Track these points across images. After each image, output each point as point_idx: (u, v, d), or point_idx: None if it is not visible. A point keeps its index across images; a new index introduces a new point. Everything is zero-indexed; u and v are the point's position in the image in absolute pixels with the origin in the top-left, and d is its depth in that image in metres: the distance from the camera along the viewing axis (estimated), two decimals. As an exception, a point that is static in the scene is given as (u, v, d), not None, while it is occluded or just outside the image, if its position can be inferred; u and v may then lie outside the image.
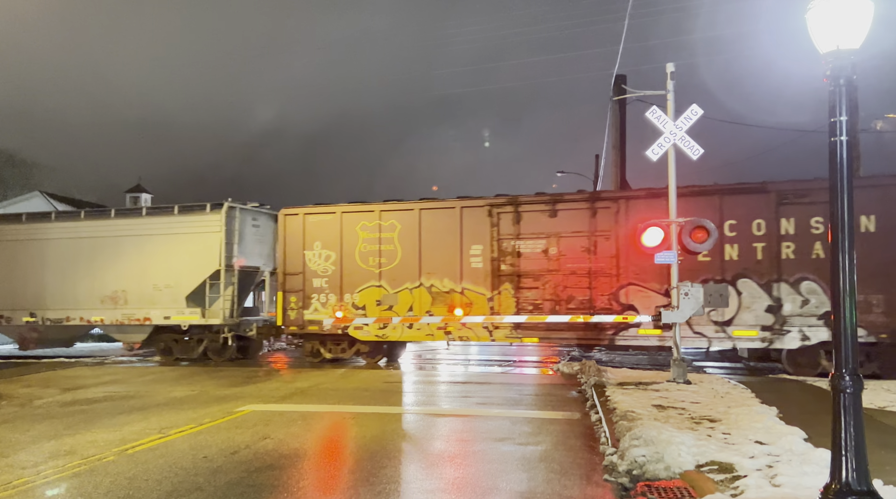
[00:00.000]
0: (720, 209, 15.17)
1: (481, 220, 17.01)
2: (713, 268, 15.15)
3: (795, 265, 14.63)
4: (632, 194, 16.22)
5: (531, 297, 16.60)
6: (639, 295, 15.75)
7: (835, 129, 4.96)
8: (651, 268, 15.04)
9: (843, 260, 4.92)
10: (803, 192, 14.69)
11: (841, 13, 4.84)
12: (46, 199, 40.60)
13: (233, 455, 7.50)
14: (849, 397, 4.84)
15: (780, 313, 14.71)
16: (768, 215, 14.89)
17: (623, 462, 7.18)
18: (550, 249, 16.46)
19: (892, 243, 14.02)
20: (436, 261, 17.26)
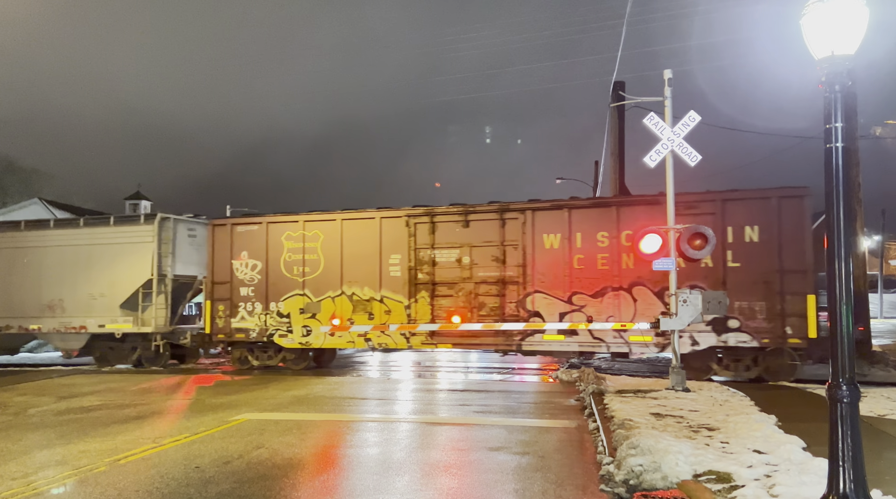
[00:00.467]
0: (617, 220, 15.79)
1: (399, 230, 17.54)
2: (611, 276, 15.79)
3: (686, 274, 15.00)
4: (538, 206, 16.68)
5: (446, 304, 17.13)
6: (544, 302, 16.31)
7: (830, 135, 4.91)
8: (555, 277, 16.08)
9: (840, 267, 4.87)
10: (692, 203, 15.20)
11: (836, 19, 4.81)
12: (45, 206, 40.62)
13: (225, 465, 7.42)
14: (846, 407, 4.79)
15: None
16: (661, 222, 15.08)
17: (620, 472, 7.11)
18: (464, 259, 17.00)
19: (772, 253, 14.66)
20: (357, 270, 17.76)
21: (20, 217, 37.84)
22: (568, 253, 16.13)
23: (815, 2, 4.87)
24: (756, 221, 14.82)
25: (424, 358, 24.47)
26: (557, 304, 16.19)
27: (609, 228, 15.73)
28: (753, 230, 14.87)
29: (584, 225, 16.05)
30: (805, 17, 4.95)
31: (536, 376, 17.40)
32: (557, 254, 16.25)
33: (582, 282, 15.92)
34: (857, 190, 19.19)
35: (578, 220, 16.13)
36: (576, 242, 16.11)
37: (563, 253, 16.19)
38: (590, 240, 16.02)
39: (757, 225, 14.81)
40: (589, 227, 16.02)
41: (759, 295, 14.70)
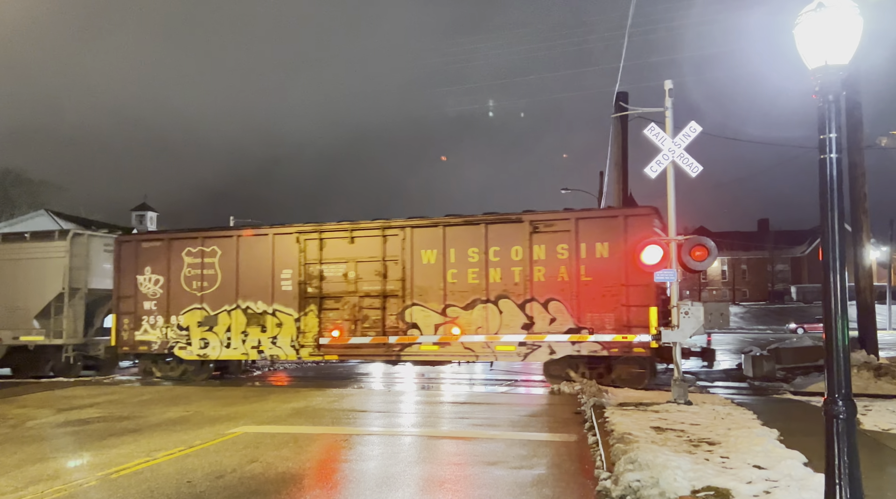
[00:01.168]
0: (486, 237, 16.77)
1: (290, 246, 18.34)
2: (480, 289, 16.74)
3: (545, 287, 16.19)
4: (416, 223, 17.59)
5: (333, 317, 17.96)
6: (421, 314, 17.19)
7: (824, 146, 4.84)
8: (432, 290, 17.08)
9: (834, 280, 4.78)
10: (550, 222, 16.36)
11: (829, 28, 4.74)
12: (52, 217, 40.85)
13: (218, 480, 7.35)
14: (842, 423, 4.69)
15: (533, 330, 16.24)
16: (524, 243, 16.43)
17: (617, 488, 7.00)
18: (349, 273, 17.87)
19: (620, 268, 15.61)
20: (251, 284, 18.54)
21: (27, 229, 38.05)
22: (443, 268, 17.04)
23: (808, 11, 4.80)
24: (606, 238, 15.84)
25: (428, 370, 24.33)
26: (433, 315, 17.08)
27: (479, 244, 16.74)
28: (604, 247, 15.86)
29: (457, 242, 17.00)
30: (798, 27, 4.89)
31: (539, 389, 17.27)
32: (434, 269, 17.15)
33: (455, 295, 16.90)
34: (863, 201, 19.05)
35: (452, 237, 17.08)
36: (450, 257, 17.04)
37: (438, 268, 17.10)
38: (462, 255, 16.96)
39: (607, 242, 15.82)
40: (462, 243, 16.98)
41: (609, 307, 15.70)
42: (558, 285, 16.11)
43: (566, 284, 16.01)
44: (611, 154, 22.88)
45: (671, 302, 12.76)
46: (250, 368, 23.16)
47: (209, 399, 14.57)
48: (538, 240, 16.34)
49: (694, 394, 13.93)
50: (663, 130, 12.79)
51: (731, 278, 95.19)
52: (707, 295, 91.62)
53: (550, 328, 16.09)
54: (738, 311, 79.78)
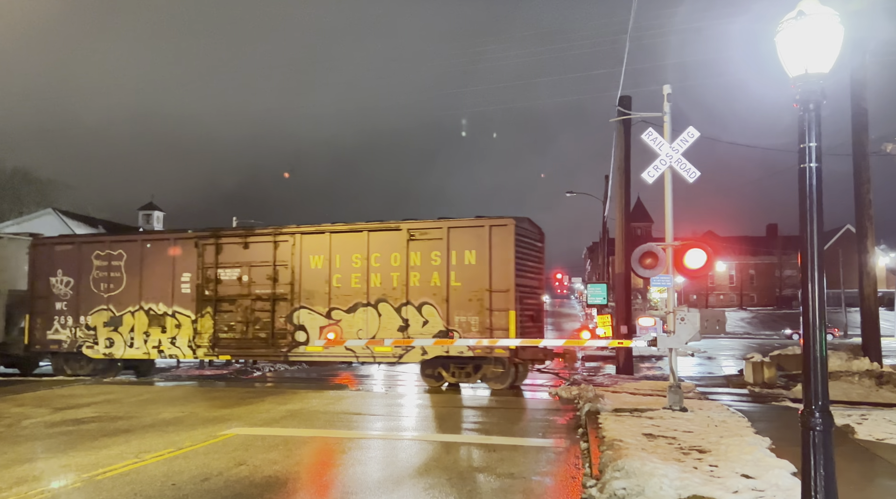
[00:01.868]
0: (368, 244, 17.74)
1: (190, 250, 19.33)
2: (362, 293, 17.69)
3: (420, 292, 17.18)
4: (305, 230, 18.47)
5: (227, 318, 18.87)
6: (308, 317, 18.14)
7: (804, 155, 4.80)
8: (318, 294, 18.00)
9: (813, 290, 4.74)
10: (425, 230, 17.35)
11: (810, 37, 4.71)
12: (59, 216, 41.04)
13: (203, 483, 7.34)
14: (819, 435, 4.65)
15: (408, 332, 17.22)
16: (402, 249, 17.42)
17: (602, 495, 6.97)
18: (244, 277, 18.79)
19: (485, 274, 16.64)
20: (154, 287, 19.51)
21: (34, 227, 38.25)
22: (329, 273, 17.99)
23: (788, 19, 4.77)
24: (474, 246, 16.82)
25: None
26: (319, 318, 18.01)
27: (362, 250, 17.75)
28: (472, 254, 16.84)
29: (342, 248, 17.97)
30: (779, 35, 4.85)
31: (537, 393, 17.22)
32: (320, 273, 18.09)
33: (339, 298, 17.87)
34: (868, 207, 18.96)
35: (338, 243, 18.05)
36: (335, 262, 17.99)
37: (324, 273, 18.04)
38: (347, 261, 17.92)
39: (475, 250, 16.81)
40: (346, 249, 17.94)
41: (474, 311, 16.71)
42: (431, 290, 17.11)
43: (438, 289, 17.02)
44: (614, 158, 22.80)
45: (668, 308, 12.68)
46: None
47: (206, 400, 14.60)
48: (414, 247, 17.35)
49: (692, 400, 13.84)
50: (662, 135, 12.73)
51: (738, 283, 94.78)
52: (714, 300, 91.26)
53: (423, 330, 17.07)
54: (746, 316, 79.45)
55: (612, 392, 15.64)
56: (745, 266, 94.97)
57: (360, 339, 17.16)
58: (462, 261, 16.88)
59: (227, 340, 18.77)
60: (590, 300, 29.56)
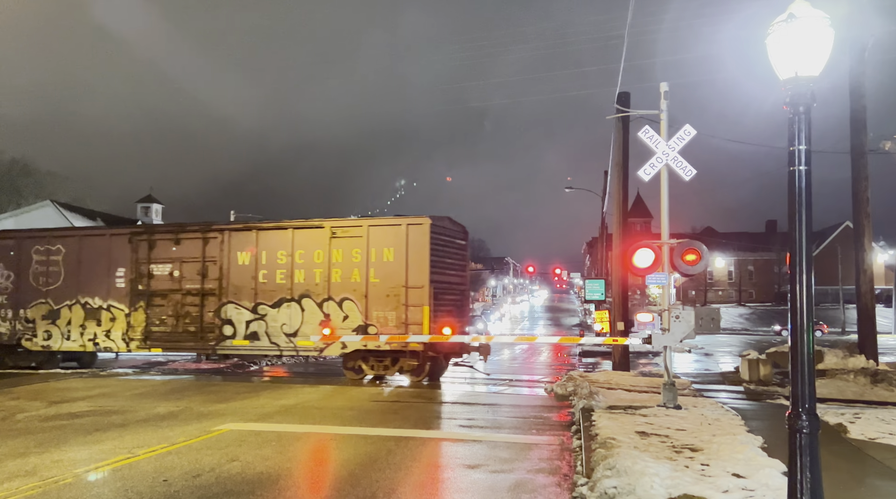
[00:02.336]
0: (293, 241, 18.33)
1: (124, 246, 19.78)
2: (286, 289, 18.25)
3: (341, 287, 17.81)
4: (233, 227, 19.30)
5: (159, 312, 19.34)
6: (235, 311, 18.68)
7: (793, 158, 4.79)
8: (245, 289, 18.54)
9: (801, 290, 4.74)
10: (347, 228, 18.02)
11: (800, 40, 4.69)
12: (57, 208, 40.98)
13: (194, 479, 7.36)
14: (805, 437, 4.65)
15: (329, 327, 17.37)
16: (325, 247, 18.02)
17: (592, 494, 6.97)
18: (175, 273, 19.29)
19: (402, 271, 17.26)
20: (90, 281, 19.91)
21: (33, 219, 38.24)
22: (255, 269, 18.55)
23: (779, 22, 4.75)
24: (392, 244, 17.49)
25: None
26: (245, 313, 18.58)
27: (287, 247, 18.29)
28: (390, 252, 17.51)
29: (268, 245, 18.55)
30: (770, 37, 4.84)
31: (531, 389, 17.26)
32: (247, 269, 18.64)
33: (265, 294, 18.40)
34: (865, 205, 18.94)
35: (265, 240, 18.60)
36: (262, 259, 18.56)
37: (251, 269, 18.60)
38: (272, 257, 18.48)
39: (392, 247, 17.48)
40: (272, 246, 18.50)
41: (392, 306, 17.36)
42: (352, 286, 17.76)
43: (358, 285, 17.69)
44: (612, 154, 22.76)
45: (663, 305, 12.68)
46: None
47: (202, 394, 14.62)
48: (336, 244, 17.97)
49: (687, 397, 13.86)
50: (658, 132, 12.71)
51: (737, 279, 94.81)
52: (713, 296, 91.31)
53: (343, 325, 17.65)
54: (744, 312, 79.52)
55: (607, 389, 15.64)
56: (743, 262, 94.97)
57: (285, 333, 18.09)
58: (381, 258, 17.57)
59: (158, 333, 19.26)
60: (587, 296, 29.64)
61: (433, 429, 11.11)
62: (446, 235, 18.42)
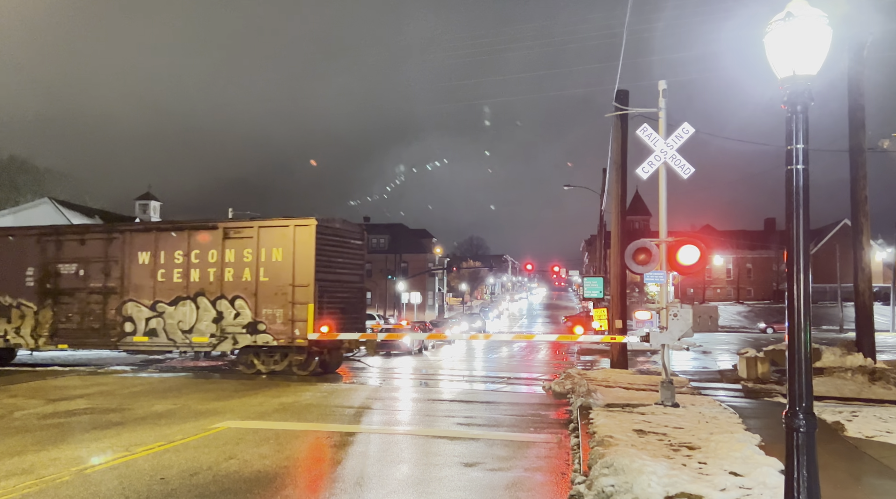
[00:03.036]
0: (188, 241, 19.23)
1: (33, 246, 20.59)
2: (182, 288, 19.14)
3: (233, 286, 18.69)
4: (134, 228, 20.29)
5: (66, 310, 20.11)
6: (135, 309, 19.56)
7: (791, 157, 4.77)
8: (144, 287, 19.44)
9: (798, 290, 4.72)
10: (239, 229, 19.07)
11: (798, 38, 4.67)
12: (55, 206, 40.88)
13: (191, 477, 7.35)
14: (802, 436, 4.65)
15: (221, 324, 18.77)
16: (218, 247, 18.96)
17: (590, 492, 6.97)
18: (80, 272, 20.10)
19: (289, 270, 18.24)
20: (2, 280, 20.65)
21: (31, 217, 38.16)
22: (154, 268, 19.45)
23: (777, 20, 4.74)
24: (281, 244, 18.39)
25: (426, 366, 24.42)
26: (145, 310, 19.43)
27: (183, 247, 19.19)
28: (279, 252, 18.40)
29: (167, 245, 19.44)
30: (768, 36, 4.82)
31: (530, 387, 17.27)
32: (147, 269, 19.53)
33: (163, 292, 19.28)
34: (864, 203, 18.93)
35: (164, 241, 19.48)
36: (160, 259, 19.46)
37: (151, 268, 19.50)
38: (170, 257, 19.36)
39: (281, 248, 18.37)
40: (171, 247, 19.40)
41: (280, 304, 18.23)
42: (243, 285, 18.65)
43: (249, 284, 18.60)
44: (611, 152, 22.76)
45: (661, 303, 12.68)
46: None
47: (199, 392, 14.61)
48: (229, 245, 18.88)
49: (685, 395, 13.88)
50: (657, 130, 12.70)
51: (735, 277, 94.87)
52: (711, 294, 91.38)
53: (235, 322, 18.62)
54: (743, 310, 79.57)
55: (605, 387, 15.65)
56: (742, 260, 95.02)
57: (181, 330, 19.02)
58: (270, 258, 18.47)
59: (65, 330, 20.01)
60: (586, 294, 29.67)
61: (434, 427, 11.10)
62: (337, 236, 19.43)
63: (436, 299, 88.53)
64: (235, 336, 18.51)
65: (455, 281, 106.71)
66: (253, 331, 18.37)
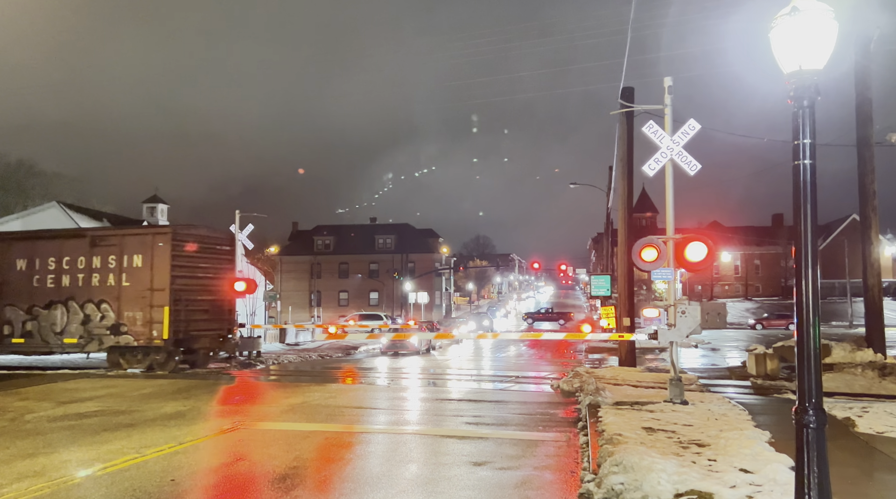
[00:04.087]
0: (61, 249, 20.64)
1: None
2: (55, 292, 20.52)
3: (99, 291, 20.18)
4: (14, 235, 21.68)
5: None
6: (13, 313, 20.90)
7: (798, 152, 4.76)
8: (20, 292, 20.89)
9: (807, 285, 4.71)
10: (105, 237, 20.68)
11: (804, 33, 4.66)
12: (63, 209, 41.02)
13: (202, 478, 7.38)
14: (812, 432, 4.64)
15: (88, 326, 20.18)
16: (87, 254, 20.41)
17: (599, 490, 6.97)
18: None
19: (148, 275, 19.70)
20: None
21: (39, 220, 38.33)
22: (31, 274, 20.78)
23: (783, 15, 4.73)
24: (141, 251, 19.97)
25: (434, 365, 24.44)
26: (21, 314, 20.85)
27: (56, 254, 20.63)
28: (139, 258, 19.93)
29: (44, 252, 20.76)
30: (773, 31, 4.81)
31: (538, 386, 17.26)
32: (25, 274, 20.81)
33: (38, 296, 20.68)
34: (872, 197, 18.86)
35: (40, 247, 20.88)
36: (36, 265, 20.82)
37: (28, 274, 20.79)
38: (45, 263, 20.76)
39: (141, 254, 19.93)
40: (46, 253, 20.71)
41: (140, 307, 19.70)
42: (108, 289, 20.08)
43: (113, 289, 20.03)
44: (617, 149, 22.71)
45: (669, 300, 12.65)
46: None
47: (208, 394, 14.66)
48: (97, 252, 20.31)
49: (693, 393, 13.84)
50: (663, 127, 12.68)
51: (743, 274, 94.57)
52: (719, 290, 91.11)
53: (101, 325, 20.03)
54: (751, 306, 79.28)
55: (613, 385, 15.62)
56: (750, 256, 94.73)
57: (53, 332, 20.39)
58: (132, 264, 19.95)
59: None
60: (593, 292, 29.61)
61: (442, 426, 11.10)
62: (201, 243, 20.92)
63: (443, 299, 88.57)
64: (101, 337, 19.94)
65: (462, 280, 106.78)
66: (116, 332, 19.83)
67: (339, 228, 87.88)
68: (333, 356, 30.37)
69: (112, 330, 19.87)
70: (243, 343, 25.07)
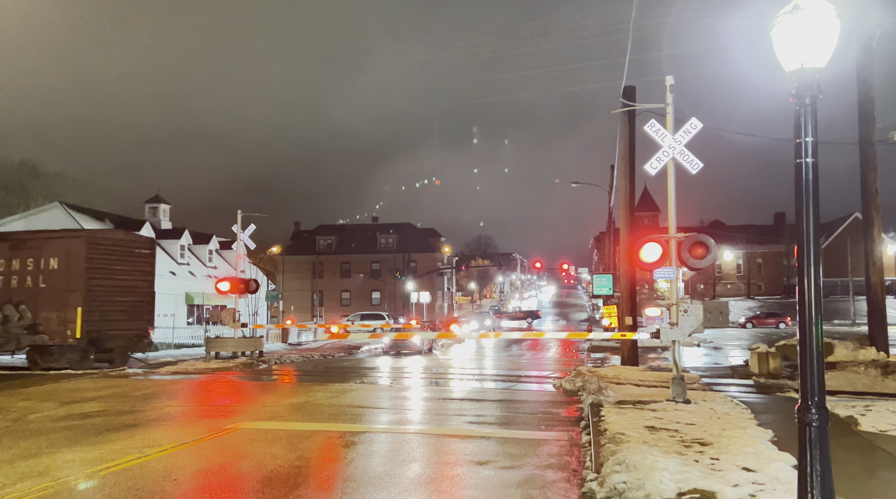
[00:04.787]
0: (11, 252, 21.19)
1: None
2: (7, 295, 20.97)
3: (19, 292, 20.89)
4: None
5: None
6: None
7: (800, 150, 4.76)
8: None
9: (809, 284, 4.71)
10: (25, 240, 21.53)
11: (806, 31, 4.66)
12: (66, 210, 41.09)
13: (204, 478, 7.39)
14: (815, 431, 4.63)
15: (7, 326, 20.73)
16: (7, 256, 21.17)
17: (602, 489, 6.97)
18: None
19: (64, 277, 20.52)
20: None
21: (41, 221, 38.42)
22: None
23: (785, 13, 4.72)
24: (58, 254, 20.71)
25: (436, 365, 24.46)
26: None
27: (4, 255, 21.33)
28: (56, 261, 20.67)
29: None
30: (775, 29, 4.80)
31: (540, 385, 17.25)
32: None
33: None
34: (875, 196, 18.85)
35: None
36: None
37: None
38: None
39: (58, 257, 20.67)
40: None
41: (55, 307, 20.41)
42: (27, 291, 20.82)
43: (31, 290, 20.77)
44: (619, 148, 22.70)
45: (671, 299, 12.64)
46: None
47: (211, 393, 14.68)
48: (17, 254, 21.08)
49: (696, 391, 13.84)
50: (664, 126, 12.66)
51: (746, 272, 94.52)
52: (722, 289, 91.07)
53: (19, 325, 20.70)
54: (754, 305, 79.23)
55: (615, 384, 15.63)
56: (752, 255, 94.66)
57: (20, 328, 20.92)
58: (48, 266, 20.67)
59: None
60: (595, 291, 29.60)
61: (443, 426, 11.11)
62: (118, 246, 21.81)
63: (445, 298, 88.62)
64: (19, 337, 20.65)
65: (464, 280, 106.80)
66: (33, 332, 20.52)
67: (340, 228, 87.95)
68: (336, 356, 30.40)
69: (29, 330, 20.55)
70: (246, 343, 25.23)
